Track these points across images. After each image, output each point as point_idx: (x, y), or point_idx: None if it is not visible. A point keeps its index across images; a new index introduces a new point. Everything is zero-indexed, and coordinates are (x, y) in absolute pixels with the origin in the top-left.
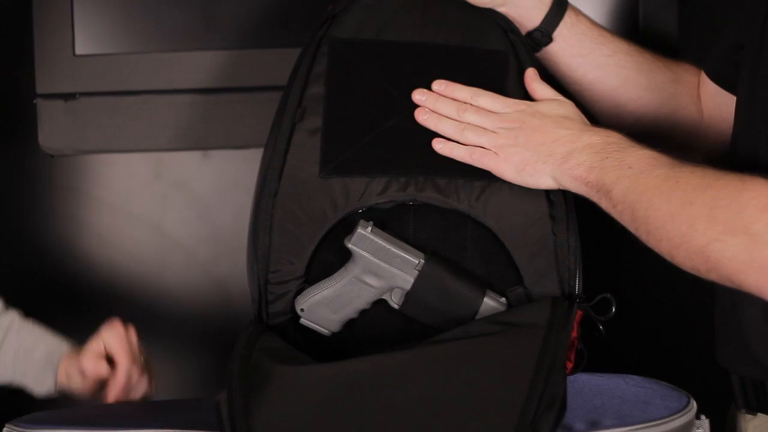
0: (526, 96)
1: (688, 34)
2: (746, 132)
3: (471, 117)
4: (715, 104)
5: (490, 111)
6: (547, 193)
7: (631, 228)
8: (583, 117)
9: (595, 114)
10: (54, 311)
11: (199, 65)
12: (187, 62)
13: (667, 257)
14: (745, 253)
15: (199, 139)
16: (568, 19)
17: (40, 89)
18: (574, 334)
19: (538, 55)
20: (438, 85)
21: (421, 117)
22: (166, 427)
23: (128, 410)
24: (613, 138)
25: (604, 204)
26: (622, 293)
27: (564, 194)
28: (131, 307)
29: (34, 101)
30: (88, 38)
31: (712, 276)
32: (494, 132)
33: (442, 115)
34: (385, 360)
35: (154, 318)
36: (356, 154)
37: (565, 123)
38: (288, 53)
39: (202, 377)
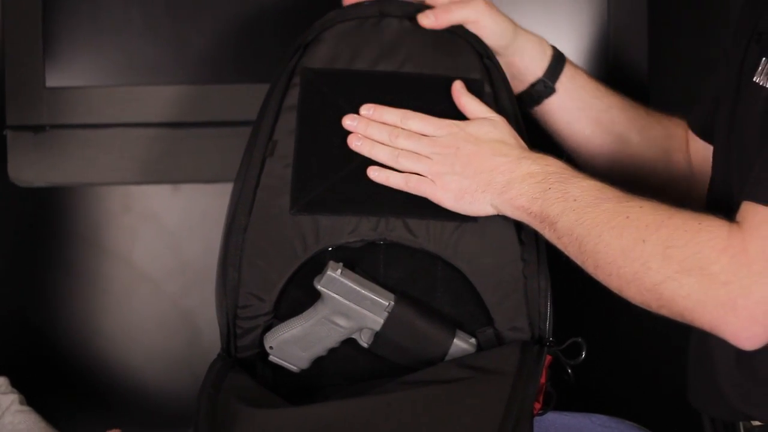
0: (510, 124)
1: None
2: (721, 177)
3: (404, 142)
4: (704, 158)
5: (422, 134)
6: (519, 234)
7: (578, 260)
8: (518, 138)
9: (590, 169)
10: (17, 341)
11: (170, 99)
12: (157, 96)
13: (616, 291)
14: (700, 292)
15: (169, 172)
16: (568, 71)
17: (10, 121)
18: (543, 379)
19: (536, 109)
20: (366, 109)
21: (354, 143)
22: None
23: None
24: (552, 167)
25: (547, 234)
26: (592, 332)
27: (536, 236)
28: (100, 338)
29: (4, 132)
30: (59, 71)
31: (664, 312)
32: (429, 158)
33: (375, 141)
34: (352, 406)
35: (123, 349)
36: (327, 192)
37: (502, 149)
38: (259, 88)
39: (171, 408)
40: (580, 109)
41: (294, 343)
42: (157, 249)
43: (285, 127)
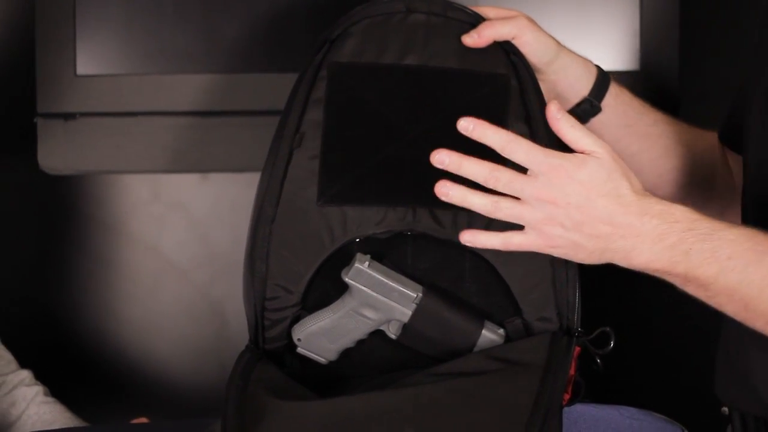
0: (527, 121)
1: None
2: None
3: (505, 185)
4: (740, 170)
5: (521, 171)
6: None
7: (740, 317)
8: (629, 176)
9: None
10: (44, 331)
11: (200, 88)
12: (187, 84)
13: None
14: None
15: (198, 161)
16: (613, 89)
17: (40, 108)
18: (572, 370)
19: None
20: (467, 122)
21: (442, 191)
22: None
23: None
24: (682, 221)
25: (692, 290)
26: (621, 324)
27: None
28: (127, 327)
29: (34, 120)
30: (89, 59)
31: None
32: (530, 204)
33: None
34: (380, 398)
35: (150, 339)
36: (354, 183)
37: (618, 202)
38: (289, 78)
39: (198, 398)
40: (628, 126)
41: (322, 335)
42: (186, 238)
43: (312, 120)
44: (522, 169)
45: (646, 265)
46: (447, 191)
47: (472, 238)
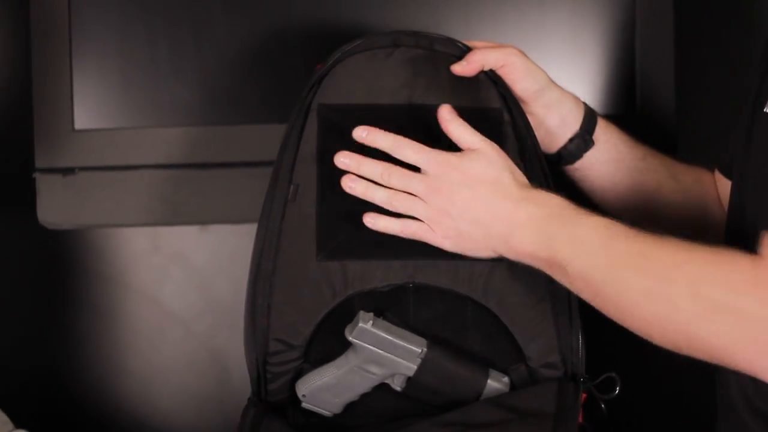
0: (521, 154)
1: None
2: (737, 210)
3: (397, 181)
4: None
5: (416, 168)
6: None
7: (594, 304)
8: (514, 171)
9: (631, 221)
10: (43, 385)
11: (197, 140)
12: (185, 137)
13: (641, 334)
14: (734, 330)
15: (197, 213)
16: (602, 123)
17: (39, 164)
18: (580, 418)
19: (573, 166)
20: (360, 131)
21: (348, 185)
22: None
23: None
24: (555, 207)
25: (558, 277)
26: (625, 367)
27: None
28: (128, 379)
29: (33, 175)
30: (87, 113)
31: (695, 353)
32: (424, 201)
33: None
34: None
35: (151, 390)
36: (353, 237)
37: (499, 191)
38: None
39: None
40: (618, 161)
41: (326, 391)
42: (186, 289)
43: (305, 169)
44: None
45: (518, 248)
46: (352, 185)
47: (373, 220)
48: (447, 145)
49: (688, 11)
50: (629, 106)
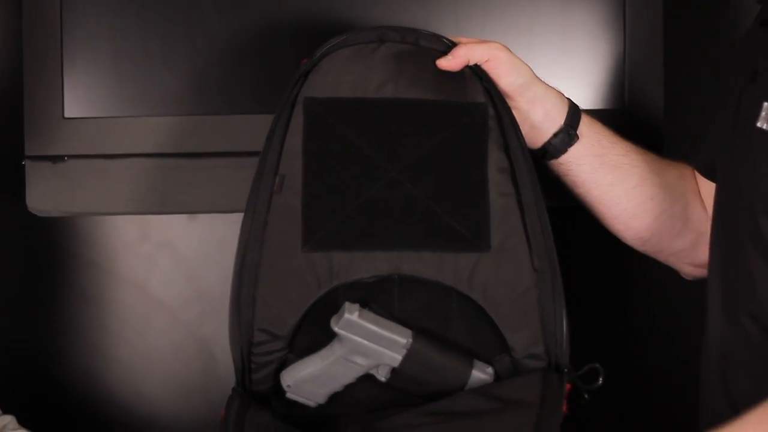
0: (506, 150)
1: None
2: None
3: None
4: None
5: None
6: (532, 262)
7: None
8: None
9: (613, 220)
10: (30, 371)
11: (187, 129)
12: (175, 126)
13: None
14: None
15: (186, 202)
16: (585, 119)
17: (28, 151)
18: (565, 408)
19: (558, 161)
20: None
21: None
22: None
23: None
24: None
25: None
26: (608, 357)
27: (549, 262)
28: (115, 367)
29: (23, 162)
30: (77, 101)
31: None
32: None
33: None
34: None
35: (138, 378)
36: (338, 228)
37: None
38: None
39: None
40: (601, 155)
41: (311, 381)
42: (174, 278)
43: (291, 161)
44: None
45: None
46: None
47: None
48: (437, 137)
49: (678, 7)
50: (617, 102)
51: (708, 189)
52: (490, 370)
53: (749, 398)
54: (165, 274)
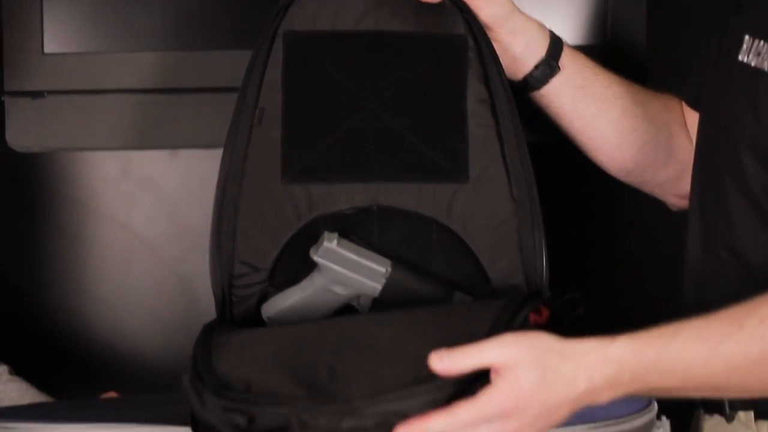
0: (485, 81)
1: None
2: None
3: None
4: None
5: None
6: (511, 192)
7: (713, 396)
8: (548, 342)
9: (596, 151)
10: (10, 307)
11: (168, 65)
12: (155, 62)
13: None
14: None
15: (167, 138)
16: (567, 50)
17: (8, 87)
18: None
19: (539, 92)
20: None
21: None
22: (149, 421)
23: (109, 405)
24: (623, 358)
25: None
26: (591, 291)
27: (528, 193)
28: (97, 304)
29: (2, 99)
30: (57, 36)
31: None
32: None
33: None
34: (334, 324)
35: (119, 315)
36: (317, 160)
37: (558, 388)
38: None
39: (168, 373)
40: (583, 87)
41: (292, 313)
42: (155, 214)
43: (271, 94)
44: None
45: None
46: None
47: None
48: (417, 69)
49: None
50: (600, 36)
51: (695, 120)
52: (469, 300)
53: None
54: (146, 210)
